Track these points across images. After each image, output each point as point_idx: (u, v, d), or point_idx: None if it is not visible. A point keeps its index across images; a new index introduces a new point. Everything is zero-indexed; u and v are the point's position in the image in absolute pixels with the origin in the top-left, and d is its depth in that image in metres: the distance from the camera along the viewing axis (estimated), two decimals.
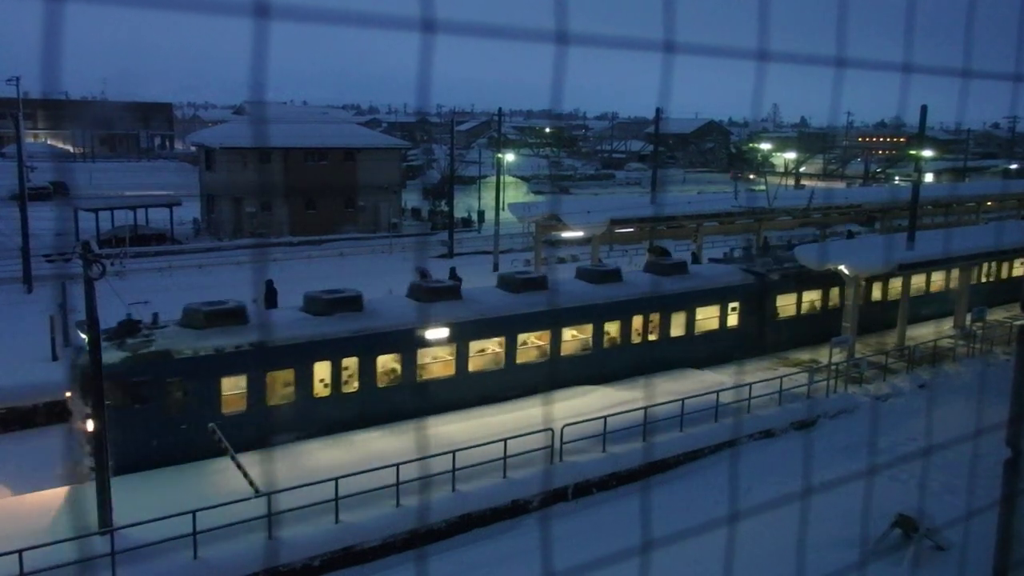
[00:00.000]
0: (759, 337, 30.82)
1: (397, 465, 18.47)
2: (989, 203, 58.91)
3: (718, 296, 30.11)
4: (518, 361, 25.34)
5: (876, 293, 35.28)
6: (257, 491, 17.86)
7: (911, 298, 34.20)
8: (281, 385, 21.76)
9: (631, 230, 41.64)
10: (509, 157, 79.97)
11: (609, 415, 22.22)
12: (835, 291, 33.00)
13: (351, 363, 22.53)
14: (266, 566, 16.65)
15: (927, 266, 34.04)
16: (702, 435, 23.82)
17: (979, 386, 28.97)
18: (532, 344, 26.01)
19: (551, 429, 20.92)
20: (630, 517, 19.30)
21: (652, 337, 28.32)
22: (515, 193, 79.36)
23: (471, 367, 24.57)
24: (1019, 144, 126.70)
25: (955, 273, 37.09)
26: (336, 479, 17.75)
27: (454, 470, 19.27)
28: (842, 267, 30.17)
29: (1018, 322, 34.16)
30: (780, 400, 26.28)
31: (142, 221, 54.80)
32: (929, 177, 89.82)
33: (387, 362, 23.29)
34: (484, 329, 24.76)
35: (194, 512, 16.09)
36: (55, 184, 77.32)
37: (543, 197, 75.92)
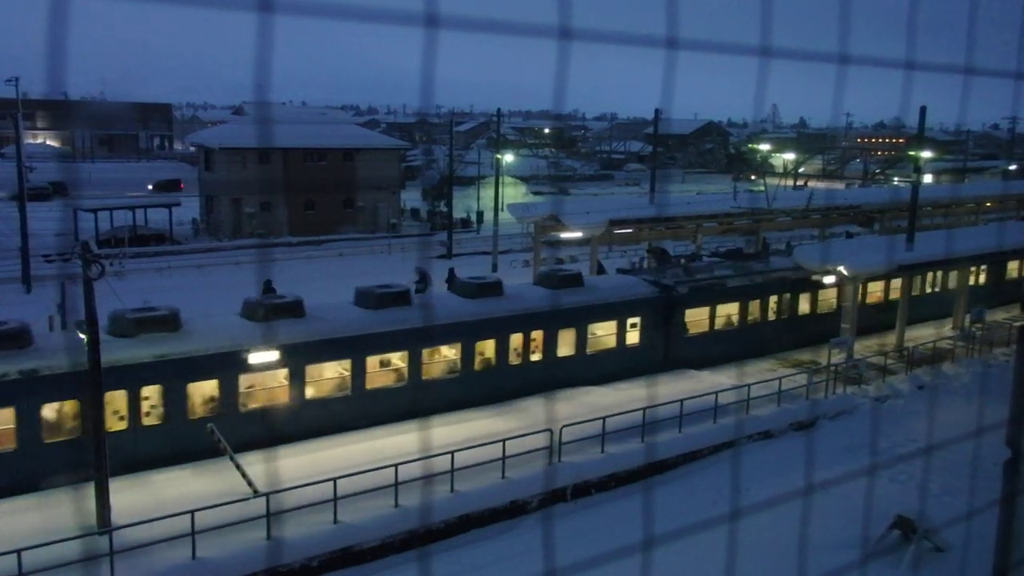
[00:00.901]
0: (664, 356, 28.45)
1: (396, 465, 18.48)
2: (988, 204, 58.93)
3: (615, 311, 27.59)
4: (368, 387, 22.92)
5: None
6: (255, 492, 17.86)
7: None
8: (69, 418, 19.31)
9: (630, 231, 41.61)
10: (508, 158, 79.98)
11: (608, 416, 22.19)
12: (755, 304, 31.23)
13: (152, 392, 19.99)
14: (265, 566, 16.62)
15: (926, 267, 34.07)
16: (701, 436, 23.82)
17: (978, 387, 28.98)
18: (390, 367, 23.67)
19: (550, 430, 20.92)
20: (627, 518, 19.29)
21: (535, 357, 25.83)
22: (514, 193, 79.36)
23: (308, 394, 22.07)
24: (1019, 145, 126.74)
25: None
26: (335, 479, 17.74)
27: (452, 470, 19.26)
28: (841, 268, 30.19)
29: (1017, 323, 34.18)
30: (779, 401, 26.28)
31: (141, 221, 54.83)
32: (928, 178, 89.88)
33: (202, 390, 20.74)
34: (325, 351, 22.25)
35: (192, 512, 16.09)
36: (54, 184, 77.36)
37: (542, 198, 75.95)
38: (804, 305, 32.87)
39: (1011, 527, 5.52)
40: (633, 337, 28.01)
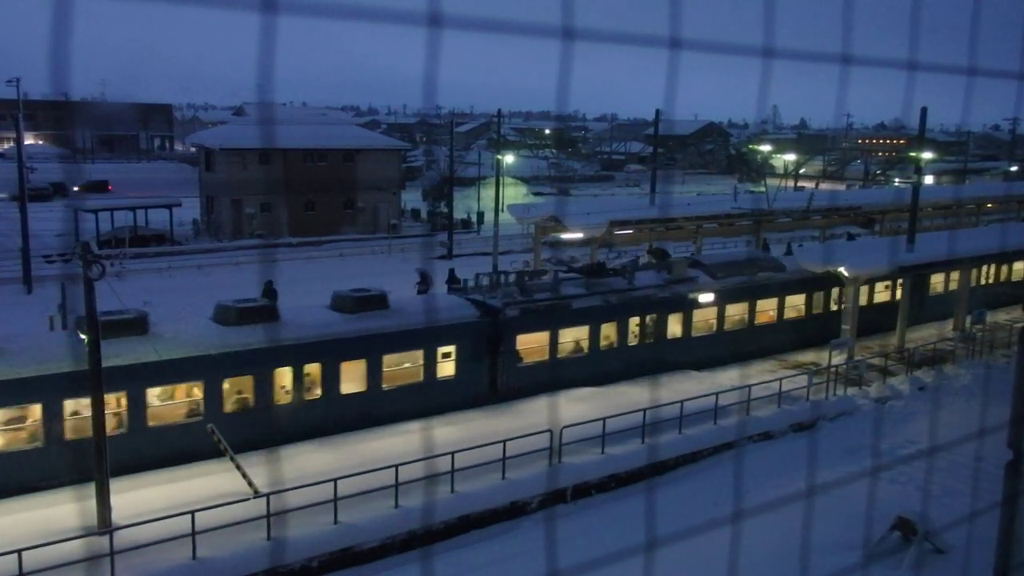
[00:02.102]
0: (491, 389, 24.93)
1: (396, 466, 18.49)
2: (989, 205, 58.92)
3: (421, 339, 23.64)
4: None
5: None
6: (256, 492, 17.86)
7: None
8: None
9: (630, 232, 41.61)
10: (508, 158, 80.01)
11: (609, 417, 22.18)
12: (610, 327, 27.65)
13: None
14: (265, 567, 16.61)
15: (927, 268, 34.06)
16: (703, 437, 23.81)
17: (979, 389, 28.96)
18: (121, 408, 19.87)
19: (550, 431, 20.92)
20: (628, 519, 19.29)
21: (312, 396, 22.05)
22: (514, 194, 79.41)
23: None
24: (1020, 146, 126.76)
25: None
26: (335, 480, 17.74)
27: (453, 471, 19.27)
28: (842, 269, 30.22)
29: (1018, 325, 34.17)
30: (779, 402, 26.28)
31: (142, 222, 54.87)
32: (929, 179, 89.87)
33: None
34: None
35: (193, 512, 16.10)
36: (55, 185, 77.41)
37: (542, 198, 75.99)
38: (675, 327, 29.25)
39: (1012, 529, 5.51)
40: (447, 368, 24.18)
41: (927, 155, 43.37)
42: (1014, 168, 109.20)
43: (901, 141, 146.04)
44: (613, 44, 2.97)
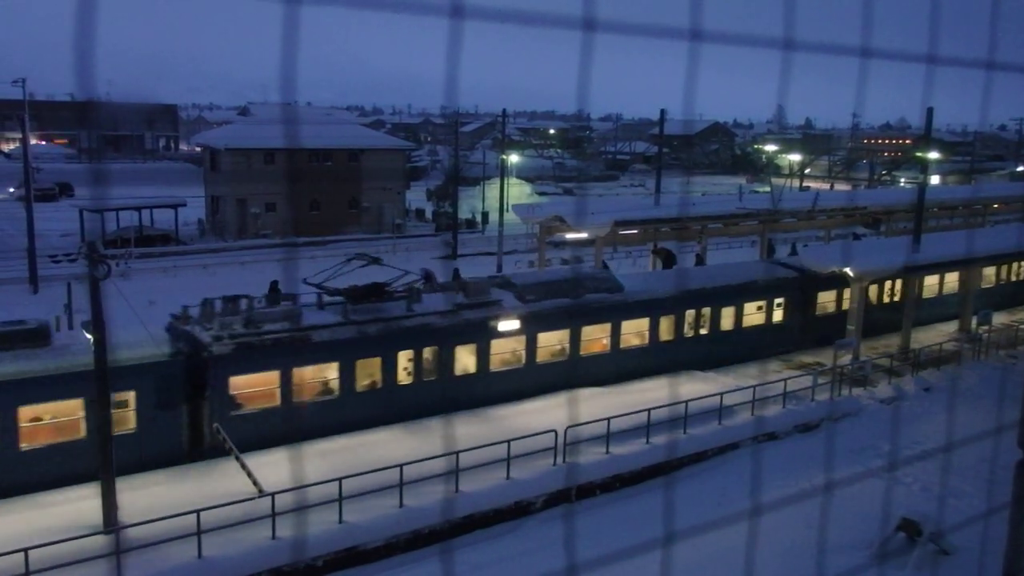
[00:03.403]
0: (189, 446, 20.46)
1: (401, 466, 18.51)
2: (996, 206, 58.72)
3: (81, 385, 18.14)
4: None
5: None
6: (261, 491, 17.89)
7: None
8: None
9: (635, 232, 41.55)
10: (513, 158, 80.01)
11: (613, 416, 22.16)
12: (370, 363, 23.09)
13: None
14: (270, 566, 16.64)
15: (933, 268, 33.98)
16: (706, 437, 23.79)
17: (985, 390, 28.90)
18: None
19: (554, 431, 20.91)
20: (631, 519, 19.28)
21: None
22: (519, 193, 79.43)
23: None
24: None
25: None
26: (340, 479, 17.77)
27: (457, 471, 19.28)
28: (847, 269, 30.16)
29: None
30: (784, 403, 26.23)
31: (147, 222, 54.99)
32: (935, 179, 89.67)
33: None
34: None
35: (198, 511, 16.13)
36: (60, 185, 77.66)
37: (547, 198, 75.95)
38: (467, 361, 24.76)
39: (1022, 530, 5.48)
40: (126, 421, 19.51)
41: (933, 155, 43.25)
42: (1021, 168, 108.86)
43: (907, 141, 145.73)
44: (633, 36, 2.97)
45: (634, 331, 28.02)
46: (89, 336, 16.73)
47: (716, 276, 31.22)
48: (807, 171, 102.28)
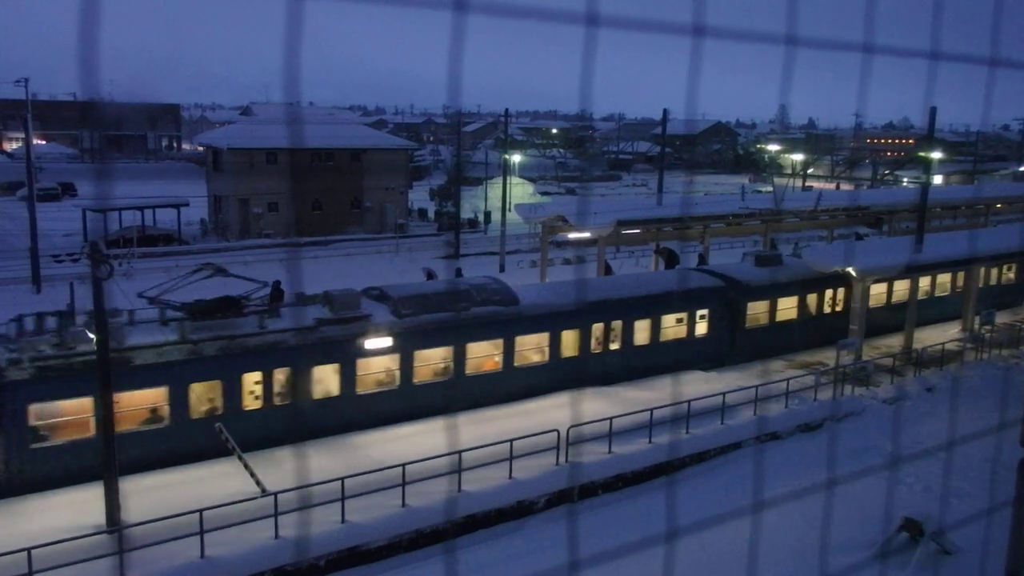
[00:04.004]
0: None
1: (403, 465, 18.53)
2: (999, 206, 58.67)
3: None
4: None
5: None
6: (264, 491, 17.92)
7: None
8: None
9: (637, 231, 41.53)
10: (516, 158, 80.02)
11: (616, 416, 22.15)
12: (206, 387, 20.64)
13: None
14: (272, 566, 16.67)
15: (935, 268, 33.96)
16: (708, 437, 23.80)
17: (988, 390, 28.87)
18: None
19: (557, 431, 20.93)
20: (634, 518, 19.29)
21: None
22: (521, 193, 79.43)
23: None
24: None
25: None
26: (343, 479, 17.79)
27: (460, 470, 19.30)
28: (850, 269, 30.16)
29: None
30: (786, 402, 26.23)
31: (150, 222, 55.07)
32: (938, 179, 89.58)
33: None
34: None
35: (201, 511, 16.15)
36: (63, 185, 77.80)
37: (549, 198, 75.97)
38: (328, 381, 22.37)
39: None
40: None
41: (936, 155, 43.21)
42: (1023, 168, 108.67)
43: (909, 141, 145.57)
44: (636, 32, 2.98)
45: (532, 347, 25.75)
46: (92, 335, 16.74)
47: (631, 287, 28.69)
48: (810, 171, 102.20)
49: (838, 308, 33.06)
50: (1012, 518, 5.47)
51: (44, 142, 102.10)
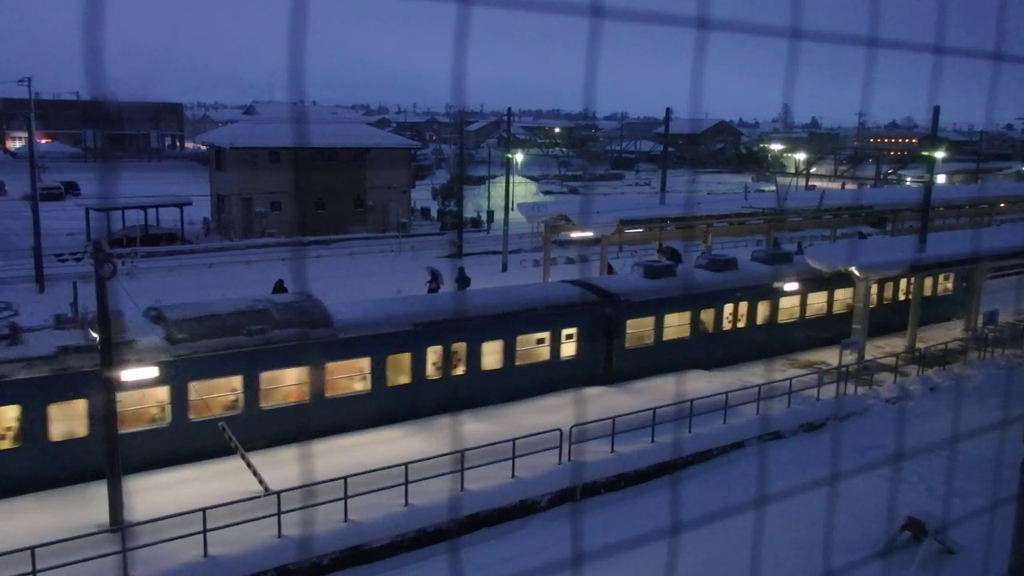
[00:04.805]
0: None
1: (406, 464, 18.54)
2: (1003, 205, 58.60)
3: None
4: None
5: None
6: (267, 490, 17.94)
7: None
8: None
9: (640, 231, 41.55)
10: (518, 157, 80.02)
11: (619, 416, 22.15)
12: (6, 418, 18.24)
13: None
14: (275, 565, 16.69)
15: (939, 268, 33.90)
16: (709, 436, 23.79)
17: (991, 389, 28.83)
18: None
19: (559, 430, 20.93)
20: (630, 518, 19.29)
21: None
22: (524, 192, 79.43)
23: None
24: None
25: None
26: (345, 478, 17.80)
27: (463, 469, 19.31)
28: (853, 268, 30.13)
29: None
30: (789, 401, 26.20)
31: (153, 221, 55.14)
32: (942, 179, 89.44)
33: None
34: None
35: (204, 510, 16.16)
36: (66, 184, 77.93)
37: (552, 197, 75.95)
38: (72, 422, 19.04)
39: None
40: None
41: (939, 154, 43.16)
42: None
43: (913, 140, 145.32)
44: (641, 24, 2.98)
45: (348, 375, 23.00)
46: (96, 335, 16.74)
47: (480, 304, 25.45)
48: (813, 170, 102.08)
49: (739, 324, 30.36)
50: (1015, 516, 5.46)
51: (47, 141, 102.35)
